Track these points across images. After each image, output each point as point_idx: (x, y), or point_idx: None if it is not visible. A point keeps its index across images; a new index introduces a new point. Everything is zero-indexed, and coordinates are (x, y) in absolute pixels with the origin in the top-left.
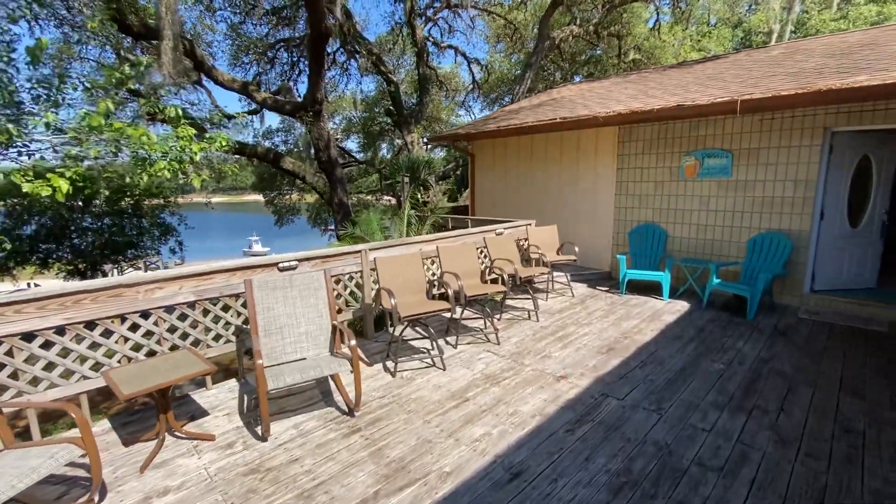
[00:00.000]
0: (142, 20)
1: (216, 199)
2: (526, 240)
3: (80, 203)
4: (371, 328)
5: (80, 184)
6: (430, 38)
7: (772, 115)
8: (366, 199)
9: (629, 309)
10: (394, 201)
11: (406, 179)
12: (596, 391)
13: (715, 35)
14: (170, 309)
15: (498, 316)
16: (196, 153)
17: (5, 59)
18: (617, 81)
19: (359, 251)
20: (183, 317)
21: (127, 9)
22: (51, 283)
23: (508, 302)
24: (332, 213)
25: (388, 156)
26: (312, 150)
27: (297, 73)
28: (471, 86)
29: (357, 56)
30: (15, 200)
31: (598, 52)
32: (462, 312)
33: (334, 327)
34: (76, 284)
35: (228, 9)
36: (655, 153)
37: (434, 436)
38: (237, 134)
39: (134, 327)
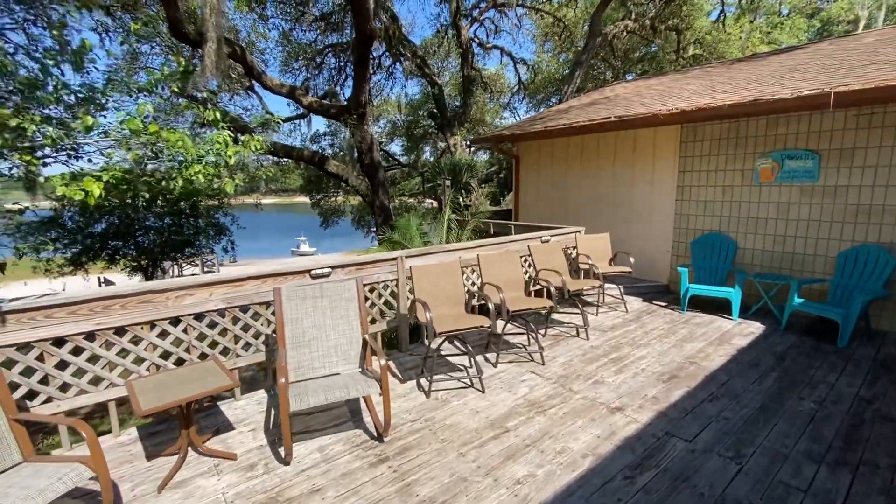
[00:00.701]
0: (198, 28)
1: (267, 200)
2: (574, 248)
3: (144, 203)
4: (406, 340)
5: (123, 186)
6: (476, 39)
7: (871, 110)
8: (408, 202)
9: (692, 329)
10: (436, 204)
11: (447, 182)
12: (658, 429)
13: (788, 26)
14: (199, 316)
15: (543, 331)
16: (231, 157)
17: (52, 61)
18: (677, 77)
19: (394, 258)
20: (212, 325)
21: (186, 18)
22: (118, 277)
23: (554, 316)
24: (373, 215)
25: (431, 159)
26: (355, 153)
27: (343, 77)
28: (516, 87)
29: (402, 59)
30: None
31: (654, 48)
32: (504, 327)
33: (365, 341)
34: (107, 290)
35: (280, 16)
36: (724, 154)
37: (470, 473)
38: (286, 138)
39: (163, 335)
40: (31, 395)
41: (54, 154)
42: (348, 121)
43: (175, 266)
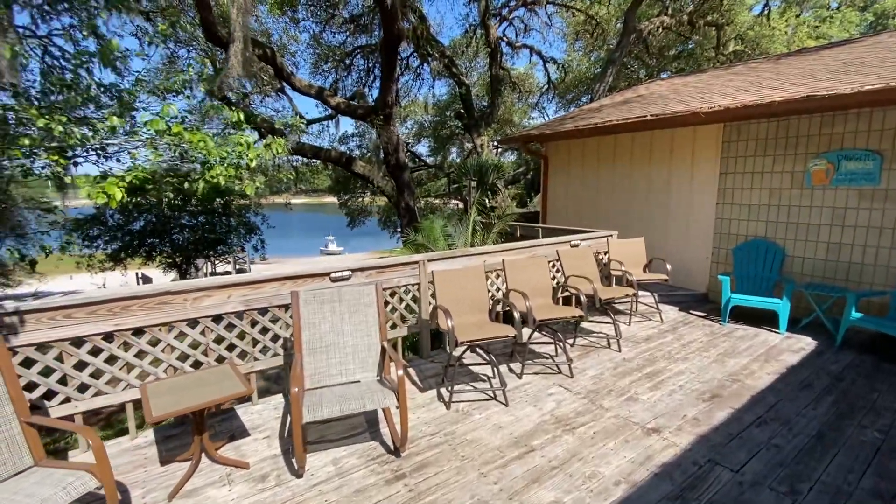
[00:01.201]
0: (230, 32)
1: (298, 200)
2: (606, 254)
3: (177, 203)
4: (427, 346)
5: (149, 187)
6: (504, 38)
7: None
8: (434, 203)
9: (735, 342)
10: (462, 206)
11: (472, 184)
12: (700, 455)
13: (838, 20)
14: (217, 318)
15: (571, 341)
16: (252, 159)
17: (78, 61)
18: (717, 74)
19: (416, 262)
20: (230, 327)
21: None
22: (154, 273)
23: (584, 325)
24: (398, 216)
25: (458, 160)
26: (381, 154)
27: (371, 79)
28: (545, 86)
29: (429, 59)
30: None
31: (691, 45)
32: (530, 336)
33: (384, 349)
34: (125, 290)
35: (310, 19)
36: (772, 155)
37: (491, 496)
38: (315, 139)
39: (181, 336)
40: (49, 395)
41: (84, 154)
42: (375, 121)
43: (208, 263)
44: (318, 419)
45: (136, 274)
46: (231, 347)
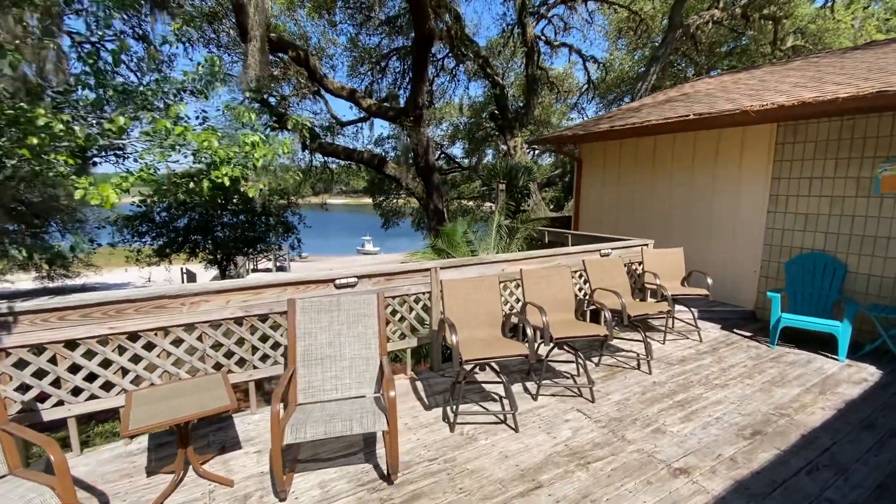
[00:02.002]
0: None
1: (338, 200)
2: (640, 264)
3: (222, 201)
4: (438, 358)
5: (164, 187)
6: (542, 37)
7: None
8: (467, 205)
9: (784, 369)
10: (494, 208)
11: (501, 186)
12: None
13: None
14: (215, 324)
15: (596, 359)
16: (258, 160)
17: (90, 61)
18: (772, 70)
19: (428, 269)
20: (229, 333)
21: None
22: (196, 268)
23: (612, 341)
24: (427, 218)
25: (493, 162)
26: (411, 156)
27: (406, 81)
28: (585, 86)
29: (464, 59)
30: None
31: (745, 41)
32: (548, 353)
33: (384, 360)
34: (120, 293)
35: (347, 22)
36: (833, 159)
37: None
38: (352, 141)
39: (177, 342)
40: (43, 397)
41: (103, 155)
42: (405, 123)
43: (249, 260)
44: (299, 440)
45: (181, 269)
46: (229, 354)
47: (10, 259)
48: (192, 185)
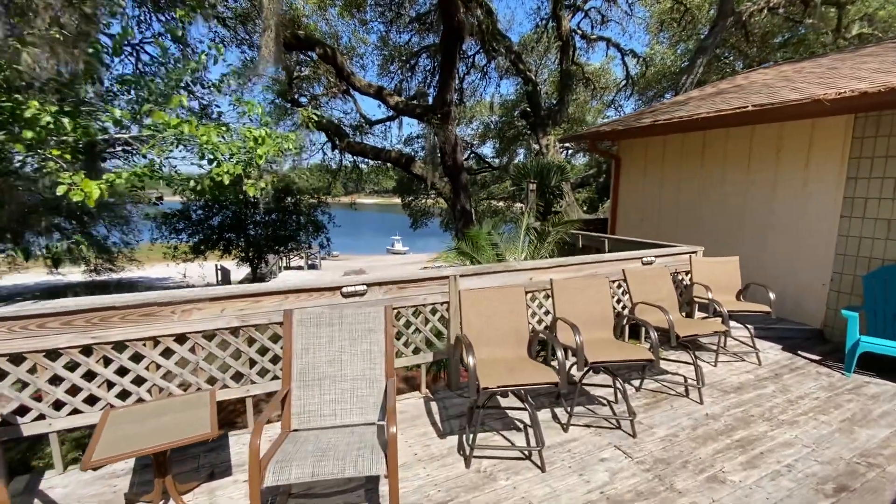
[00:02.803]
0: (293, 33)
1: (370, 200)
2: (687, 274)
3: (254, 200)
4: (457, 376)
5: (140, 184)
6: (578, 31)
7: None
8: (496, 206)
9: (866, 404)
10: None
11: (531, 186)
12: None
13: None
14: (209, 335)
15: (636, 382)
16: (261, 156)
17: (93, 50)
18: (842, 57)
19: (446, 277)
20: (224, 345)
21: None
22: (229, 265)
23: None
24: (454, 219)
25: (524, 161)
26: (438, 154)
27: (436, 79)
28: (623, 82)
29: (495, 54)
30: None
31: (803, 30)
32: (582, 377)
33: (390, 383)
34: (104, 300)
35: (378, 20)
36: None
37: None
38: (381, 140)
39: (167, 353)
40: (22, 410)
41: (110, 151)
42: (432, 120)
43: (282, 258)
44: (281, 483)
45: (216, 266)
46: (224, 368)
47: (61, 252)
48: (192, 183)
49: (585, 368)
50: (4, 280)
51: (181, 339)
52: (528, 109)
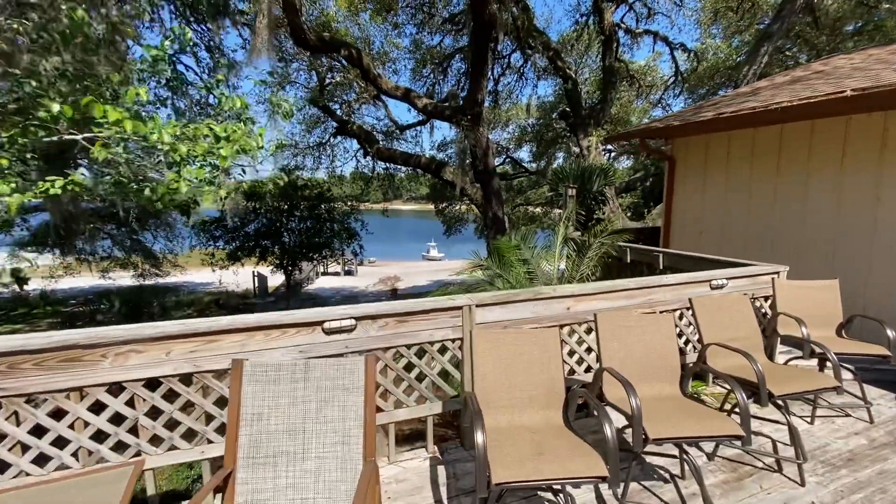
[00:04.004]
0: (319, 35)
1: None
2: (767, 300)
3: (287, 207)
4: (475, 410)
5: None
6: (622, 25)
7: None
8: (533, 212)
9: None
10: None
11: (570, 192)
12: None
13: None
14: (152, 383)
15: (709, 448)
16: (224, 158)
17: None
18: None
19: (458, 308)
20: (172, 395)
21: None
22: (266, 271)
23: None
24: (485, 227)
25: (563, 164)
26: (468, 158)
27: (468, 81)
28: (671, 79)
29: (532, 51)
30: (245, 203)
31: (880, 15)
32: (637, 457)
33: (372, 467)
34: (12, 341)
35: (410, 22)
36: None
37: None
38: (413, 146)
39: (98, 408)
40: None
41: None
42: (462, 122)
43: (318, 264)
44: None
45: (253, 272)
46: (173, 424)
47: (113, 259)
48: (147, 192)
49: (644, 445)
50: (61, 283)
51: (115, 389)
52: (568, 109)
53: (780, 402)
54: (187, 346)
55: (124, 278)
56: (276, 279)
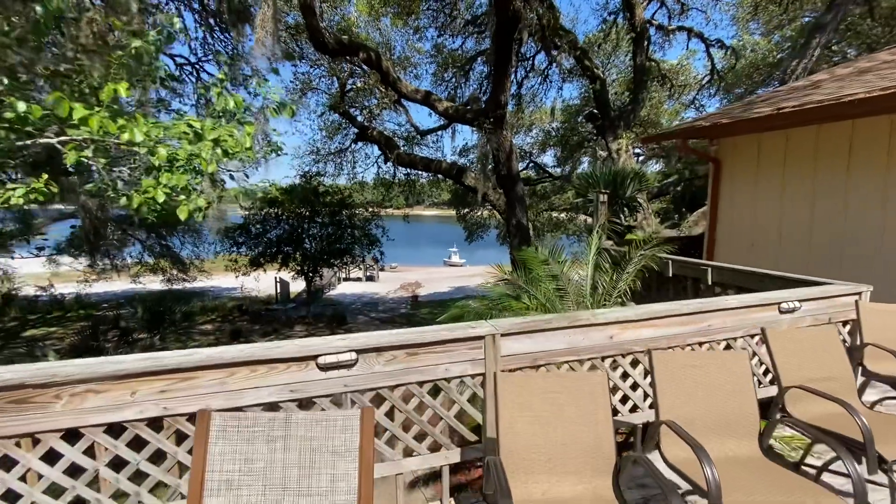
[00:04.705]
0: (337, 38)
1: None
2: (846, 325)
3: (308, 213)
4: (496, 483)
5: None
6: (653, 22)
7: None
8: (558, 219)
9: None
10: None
11: (602, 198)
12: None
13: None
14: (115, 429)
15: None
16: (205, 160)
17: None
18: None
19: (479, 338)
20: (139, 443)
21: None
22: (288, 277)
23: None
24: (508, 235)
25: (591, 169)
26: (490, 163)
27: (490, 84)
28: (707, 77)
29: (558, 50)
30: (268, 210)
31: None
32: None
33: None
34: None
35: (432, 26)
36: None
37: None
38: (434, 151)
39: (52, 457)
40: None
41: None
42: (484, 125)
43: (340, 270)
44: None
45: (275, 278)
46: (140, 476)
47: (143, 264)
48: (123, 200)
49: None
50: (95, 287)
51: (72, 435)
52: (595, 111)
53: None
54: (155, 385)
55: (154, 283)
56: (297, 285)
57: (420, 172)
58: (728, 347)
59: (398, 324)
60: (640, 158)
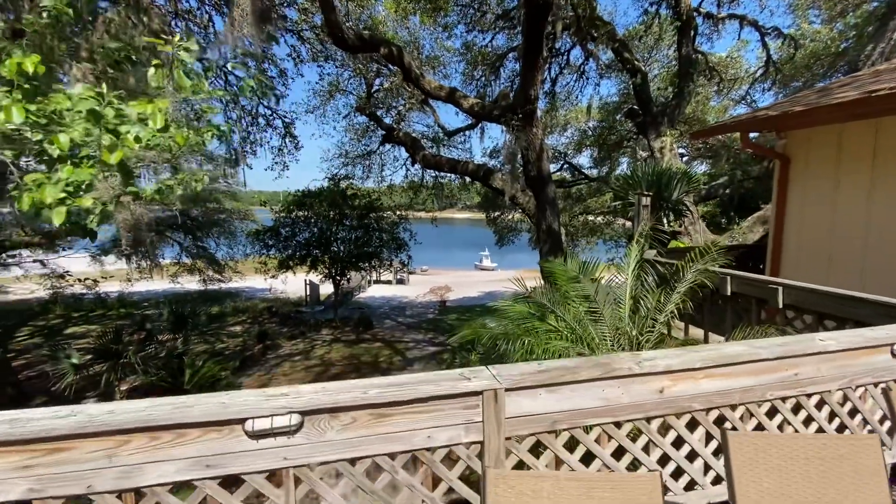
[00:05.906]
0: (357, 33)
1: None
2: None
3: (336, 216)
4: None
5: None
6: (700, 11)
7: None
8: (594, 222)
9: None
10: (629, 225)
11: (645, 201)
12: None
13: None
14: None
15: None
16: (106, 147)
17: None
18: None
19: (476, 394)
20: None
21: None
22: (317, 280)
23: None
24: (538, 240)
25: (631, 169)
26: (519, 162)
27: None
28: (761, 70)
29: (594, 44)
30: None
31: None
32: None
33: None
34: None
35: (461, 23)
36: None
37: None
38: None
39: None
40: None
41: None
42: (512, 121)
43: (369, 272)
44: None
45: (305, 280)
46: None
47: (181, 265)
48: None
49: None
50: (138, 286)
51: None
52: (636, 108)
53: None
54: (12, 459)
55: (192, 283)
56: (327, 287)
57: (448, 175)
58: (822, 403)
59: (424, 329)
60: (685, 159)
